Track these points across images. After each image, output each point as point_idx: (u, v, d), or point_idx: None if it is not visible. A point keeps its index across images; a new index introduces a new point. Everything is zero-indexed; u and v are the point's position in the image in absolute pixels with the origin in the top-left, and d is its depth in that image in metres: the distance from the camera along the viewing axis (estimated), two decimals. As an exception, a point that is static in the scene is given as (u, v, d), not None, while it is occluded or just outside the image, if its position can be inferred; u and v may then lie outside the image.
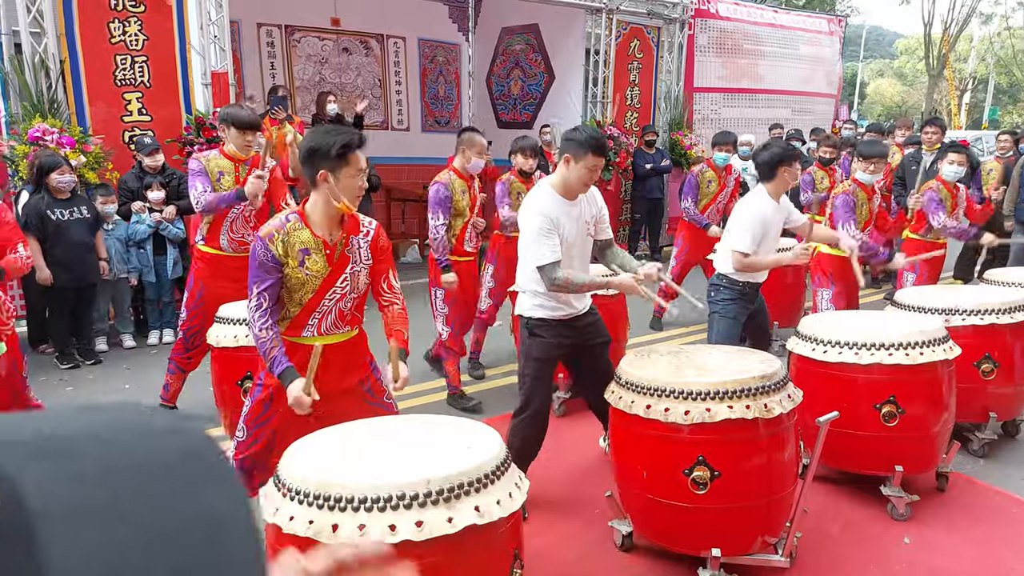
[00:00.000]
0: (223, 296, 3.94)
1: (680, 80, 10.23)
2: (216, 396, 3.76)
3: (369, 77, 10.40)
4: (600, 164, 3.04)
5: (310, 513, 1.90)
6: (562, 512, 3.36)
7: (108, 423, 0.38)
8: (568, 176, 3.06)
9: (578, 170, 3.02)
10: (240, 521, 0.38)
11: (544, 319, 3.16)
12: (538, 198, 3.09)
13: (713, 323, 4.02)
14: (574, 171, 3.03)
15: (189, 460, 0.38)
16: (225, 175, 4.09)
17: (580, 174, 3.03)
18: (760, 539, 2.80)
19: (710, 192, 6.30)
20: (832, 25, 12.26)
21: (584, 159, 2.99)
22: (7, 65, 5.78)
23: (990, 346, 3.90)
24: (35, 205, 5.17)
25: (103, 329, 5.82)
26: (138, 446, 0.37)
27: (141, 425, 0.39)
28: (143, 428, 0.39)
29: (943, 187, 5.41)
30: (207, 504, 0.36)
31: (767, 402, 2.67)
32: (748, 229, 3.80)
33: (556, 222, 3.02)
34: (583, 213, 3.15)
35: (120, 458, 0.36)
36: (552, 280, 2.99)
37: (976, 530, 3.24)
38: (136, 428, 0.39)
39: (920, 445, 3.37)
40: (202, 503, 0.36)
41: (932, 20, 27.76)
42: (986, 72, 33.35)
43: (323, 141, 2.51)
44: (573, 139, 3.05)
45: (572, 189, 3.09)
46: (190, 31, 6.41)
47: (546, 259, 2.98)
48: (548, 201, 3.06)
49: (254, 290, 2.57)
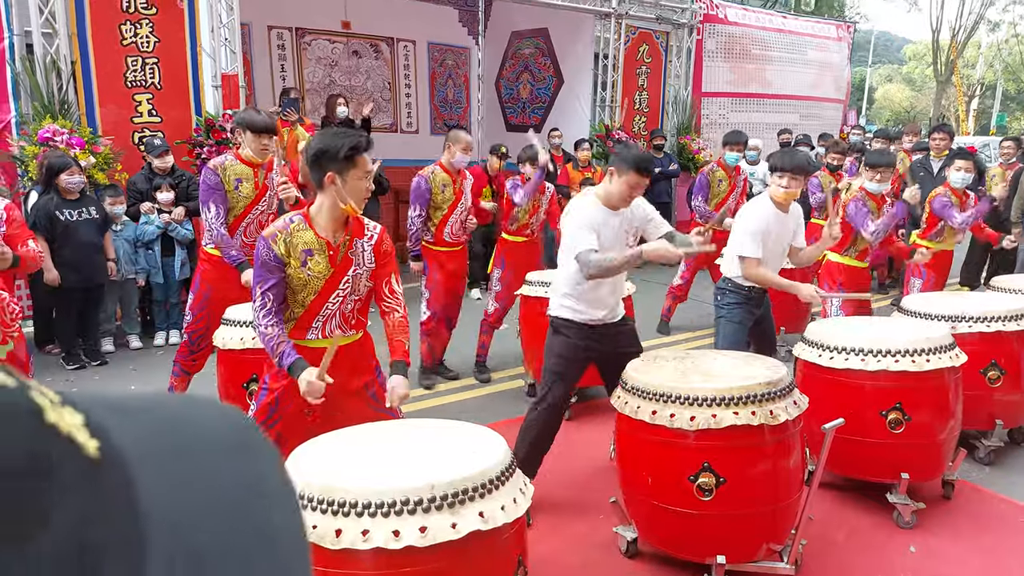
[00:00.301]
0: (229, 299, 3.94)
1: (688, 85, 10.23)
2: (221, 398, 3.77)
3: (379, 80, 10.44)
4: (643, 183, 3.15)
5: (313, 518, 1.90)
6: (567, 517, 3.36)
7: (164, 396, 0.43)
8: (610, 189, 3.18)
9: (619, 184, 3.13)
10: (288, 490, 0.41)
11: (569, 320, 3.27)
12: (582, 205, 3.22)
13: (720, 327, 4.00)
14: (616, 185, 3.14)
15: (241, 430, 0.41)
16: (244, 182, 4.05)
17: (620, 189, 3.14)
18: (765, 546, 2.79)
19: (721, 192, 6.29)
20: (840, 31, 12.25)
21: (627, 175, 3.10)
22: (19, 66, 5.82)
23: (996, 353, 3.88)
24: (44, 206, 5.20)
25: (110, 330, 5.85)
26: (196, 412, 0.41)
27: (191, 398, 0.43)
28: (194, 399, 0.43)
29: (951, 194, 5.39)
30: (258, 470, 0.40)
31: (773, 408, 2.67)
32: (748, 232, 3.77)
33: (596, 228, 3.13)
34: (623, 222, 3.25)
35: (184, 417, 0.40)
36: (587, 264, 3.05)
37: (982, 539, 3.23)
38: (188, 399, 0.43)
39: (926, 452, 3.36)
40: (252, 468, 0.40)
41: (940, 26, 27.69)
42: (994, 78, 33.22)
43: (331, 143, 2.52)
44: (621, 155, 3.19)
45: (613, 201, 3.20)
46: (201, 33, 6.45)
47: (582, 247, 3.07)
48: (591, 209, 3.19)
49: (258, 290, 2.58)
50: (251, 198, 4.10)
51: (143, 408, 0.39)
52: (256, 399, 2.79)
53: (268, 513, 0.38)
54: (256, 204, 4.13)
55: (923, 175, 7.25)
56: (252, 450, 0.40)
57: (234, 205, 4.08)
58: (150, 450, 0.35)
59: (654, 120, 10.14)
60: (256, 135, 4.01)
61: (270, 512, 0.38)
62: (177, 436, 0.38)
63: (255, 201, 4.12)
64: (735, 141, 6.33)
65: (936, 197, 5.43)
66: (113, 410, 0.37)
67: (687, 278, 6.41)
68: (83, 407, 0.34)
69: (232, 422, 0.41)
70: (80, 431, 0.33)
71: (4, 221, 3.47)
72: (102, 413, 0.35)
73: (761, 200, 3.92)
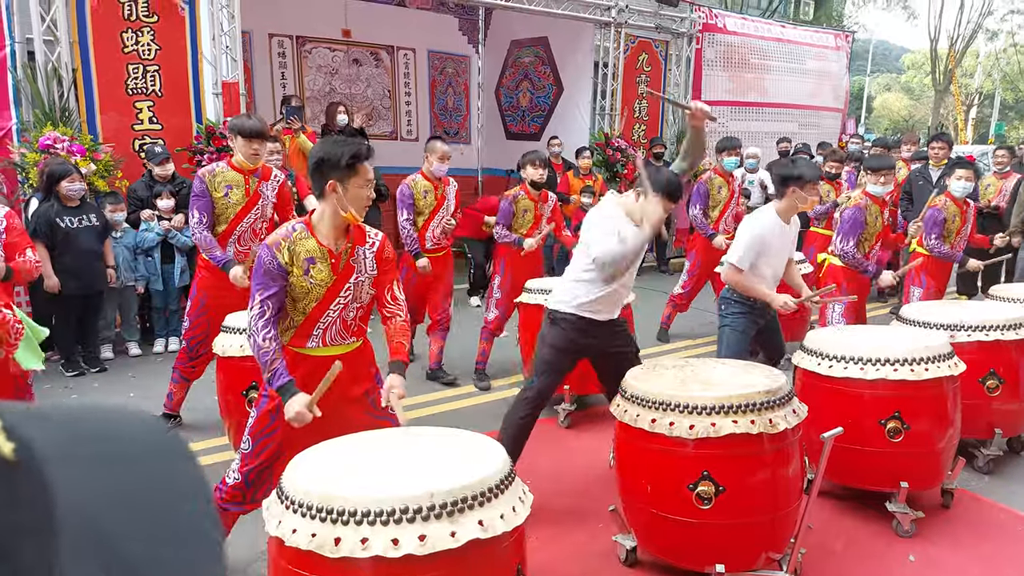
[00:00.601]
0: (226, 306, 3.94)
1: (688, 93, 10.26)
2: (220, 405, 3.77)
3: (379, 88, 10.47)
4: (670, 208, 3.24)
5: (312, 526, 1.90)
6: (566, 526, 3.36)
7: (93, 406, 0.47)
8: (634, 210, 3.23)
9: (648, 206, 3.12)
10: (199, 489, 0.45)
11: (566, 313, 3.37)
12: (609, 209, 3.30)
13: (723, 336, 4.01)
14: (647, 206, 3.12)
15: (156, 434, 0.46)
16: (234, 188, 4.08)
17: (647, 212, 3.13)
18: (764, 555, 2.79)
19: (722, 198, 6.31)
20: (839, 40, 12.29)
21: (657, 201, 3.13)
22: (20, 73, 5.84)
23: (995, 362, 3.89)
24: (44, 213, 5.21)
25: (109, 337, 5.85)
26: (118, 418, 0.45)
27: (118, 408, 0.47)
28: (119, 408, 0.47)
29: (952, 203, 5.40)
30: (169, 470, 0.44)
31: (772, 417, 2.67)
32: (744, 241, 3.82)
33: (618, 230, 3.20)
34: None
35: (106, 424, 0.45)
36: (607, 256, 3.12)
37: (981, 548, 3.22)
38: (113, 408, 0.47)
39: (925, 461, 3.36)
40: (169, 468, 0.44)
41: (938, 36, 27.76)
42: (992, 88, 33.35)
43: (332, 151, 2.53)
44: (656, 180, 3.18)
45: (636, 217, 3.26)
46: (202, 41, 6.47)
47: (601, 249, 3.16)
48: (617, 215, 3.26)
49: (257, 297, 2.58)
50: (241, 204, 4.11)
51: (68, 417, 0.43)
52: (257, 406, 2.78)
53: (181, 507, 0.43)
54: (248, 212, 4.14)
55: (922, 183, 7.27)
56: (170, 453, 0.45)
57: (223, 212, 4.09)
58: (70, 453, 0.39)
59: (653, 128, 10.17)
60: (247, 140, 4.03)
61: (183, 506, 0.43)
62: (99, 443, 0.42)
63: (246, 208, 4.13)
64: (731, 147, 6.39)
65: (932, 208, 5.43)
66: (35, 418, 0.41)
67: (689, 287, 6.42)
68: (2, 413, 0.38)
69: (150, 428, 0.45)
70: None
71: (4, 229, 3.47)
72: (22, 420, 0.39)
73: (764, 211, 3.94)
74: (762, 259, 3.83)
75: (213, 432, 4.26)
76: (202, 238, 4.04)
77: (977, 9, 27.08)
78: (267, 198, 4.19)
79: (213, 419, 4.17)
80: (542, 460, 3.94)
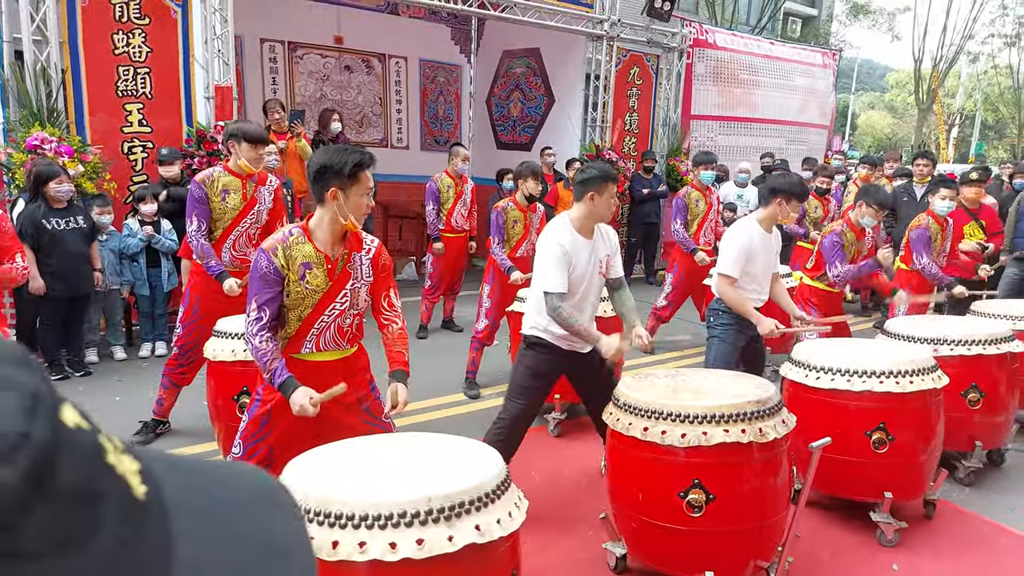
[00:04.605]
0: (219, 311, 3.93)
1: (678, 107, 10.37)
2: (211, 411, 3.75)
3: (370, 95, 10.49)
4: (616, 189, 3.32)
5: (310, 530, 1.90)
6: (556, 533, 3.37)
7: (210, 461, 0.52)
8: (595, 210, 3.25)
9: (605, 201, 3.24)
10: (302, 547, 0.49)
11: (539, 337, 3.35)
12: (558, 230, 3.26)
13: (711, 347, 4.07)
14: (602, 203, 3.24)
15: (269, 492, 0.50)
16: (231, 193, 4.07)
17: (609, 203, 3.26)
18: (752, 563, 2.82)
19: (700, 211, 6.40)
20: (826, 58, 12.48)
21: (608, 189, 3.23)
22: (7, 72, 5.79)
23: (977, 376, 3.96)
24: (31, 214, 5.16)
25: (93, 341, 5.79)
26: (234, 475, 0.50)
27: (232, 464, 0.52)
28: (235, 464, 0.52)
29: (934, 221, 5.49)
30: (279, 529, 0.48)
31: (762, 426, 2.71)
32: (732, 252, 3.92)
33: (571, 255, 3.20)
34: (597, 252, 3.32)
35: (223, 477, 0.49)
36: (554, 308, 3.16)
37: (962, 558, 3.28)
38: (230, 464, 0.52)
39: (909, 472, 3.41)
40: (274, 526, 0.48)
41: (922, 57, 28.27)
42: (973, 108, 33.93)
43: (336, 159, 2.54)
44: (593, 177, 3.24)
45: (593, 223, 3.29)
46: (194, 44, 6.46)
47: (554, 288, 3.16)
48: (567, 235, 3.25)
49: (254, 303, 2.58)
50: (239, 209, 4.10)
51: (192, 468, 0.47)
52: (248, 410, 2.78)
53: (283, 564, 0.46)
54: (244, 216, 4.13)
55: (907, 200, 7.39)
56: (279, 507, 0.49)
57: (220, 216, 4.09)
58: (189, 503, 0.43)
59: (644, 141, 10.26)
60: (252, 145, 4.04)
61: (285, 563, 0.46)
62: (213, 494, 0.46)
63: (243, 213, 4.12)
64: (708, 161, 6.55)
65: (915, 228, 5.52)
66: (169, 466, 0.45)
67: (672, 300, 6.47)
68: (142, 457, 0.42)
69: (262, 483, 0.50)
70: (134, 476, 0.40)
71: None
72: (159, 467, 0.43)
73: (746, 221, 4.02)
74: (748, 266, 3.92)
75: (203, 437, 4.23)
76: (199, 246, 4.01)
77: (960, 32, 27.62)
78: (264, 203, 4.19)
79: (203, 424, 4.15)
80: (533, 468, 3.95)
